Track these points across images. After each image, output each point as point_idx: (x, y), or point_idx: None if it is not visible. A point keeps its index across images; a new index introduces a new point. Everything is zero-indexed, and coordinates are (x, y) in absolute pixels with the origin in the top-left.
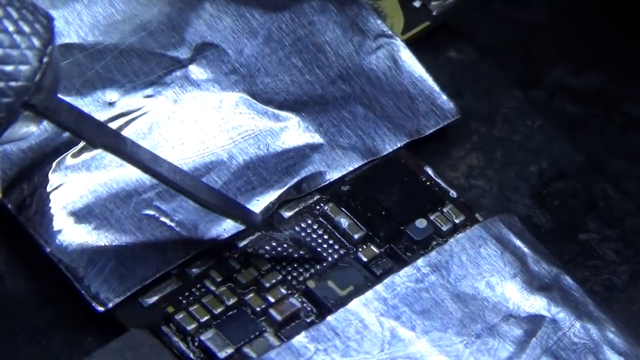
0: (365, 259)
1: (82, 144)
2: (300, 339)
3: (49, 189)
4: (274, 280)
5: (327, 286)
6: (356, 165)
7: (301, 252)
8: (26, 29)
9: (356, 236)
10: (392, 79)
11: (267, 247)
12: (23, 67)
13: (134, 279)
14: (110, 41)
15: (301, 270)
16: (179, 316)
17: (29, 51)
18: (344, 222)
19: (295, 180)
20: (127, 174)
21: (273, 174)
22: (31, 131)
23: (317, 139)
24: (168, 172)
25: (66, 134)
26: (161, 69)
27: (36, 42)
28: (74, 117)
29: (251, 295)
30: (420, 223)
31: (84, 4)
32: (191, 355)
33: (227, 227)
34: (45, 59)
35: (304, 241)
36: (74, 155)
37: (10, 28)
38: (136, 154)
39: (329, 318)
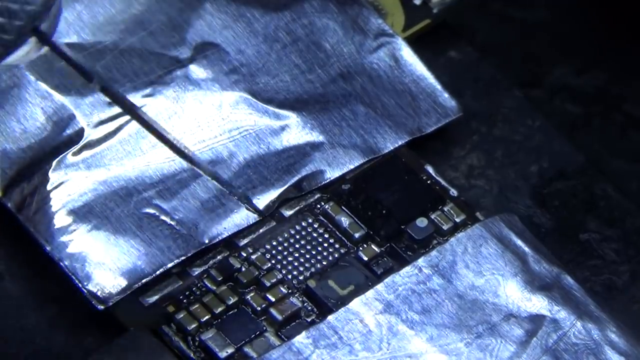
0: (365, 258)
1: (82, 142)
2: (301, 339)
3: (49, 187)
4: (274, 280)
5: (327, 285)
6: (357, 164)
7: None
8: None
9: (357, 235)
10: (393, 78)
11: (268, 246)
12: None
13: (134, 277)
14: (110, 41)
15: (302, 270)
16: (180, 315)
17: None
18: (345, 221)
19: (295, 178)
20: (128, 173)
21: (273, 172)
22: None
23: (317, 137)
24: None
25: (66, 133)
26: (161, 69)
27: None
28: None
29: (252, 294)
30: (421, 222)
31: (84, 4)
32: (192, 355)
33: (227, 226)
34: None
35: None
36: (74, 154)
37: None
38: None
39: (330, 317)
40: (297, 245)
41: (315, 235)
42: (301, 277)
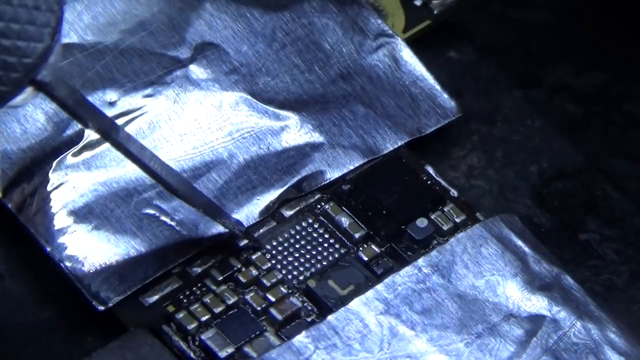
0: (366, 258)
1: (82, 143)
2: (301, 339)
3: (49, 188)
4: (274, 280)
5: (327, 285)
6: (357, 164)
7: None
8: (42, 4)
9: (357, 235)
10: (392, 78)
11: (268, 246)
12: (37, 45)
13: (135, 278)
14: (110, 41)
15: (302, 270)
16: (180, 315)
17: (44, 29)
18: (345, 221)
19: (295, 179)
20: (128, 173)
21: (273, 173)
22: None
23: (317, 138)
24: (155, 166)
25: (66, 133)
26: (161, 69)
27: (51, 19)
28: (73, 97)
29: (252, 294)
30: (421, 222)
31: (84, 4)
32: (192, 355)
33: None
34: (56, 37)
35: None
36: (75, 155)
37: (30, 3)
38: (126, 143)
39: (330, 317)
40: (297, 245)
41: (315, 235)
42: (301, 277)
